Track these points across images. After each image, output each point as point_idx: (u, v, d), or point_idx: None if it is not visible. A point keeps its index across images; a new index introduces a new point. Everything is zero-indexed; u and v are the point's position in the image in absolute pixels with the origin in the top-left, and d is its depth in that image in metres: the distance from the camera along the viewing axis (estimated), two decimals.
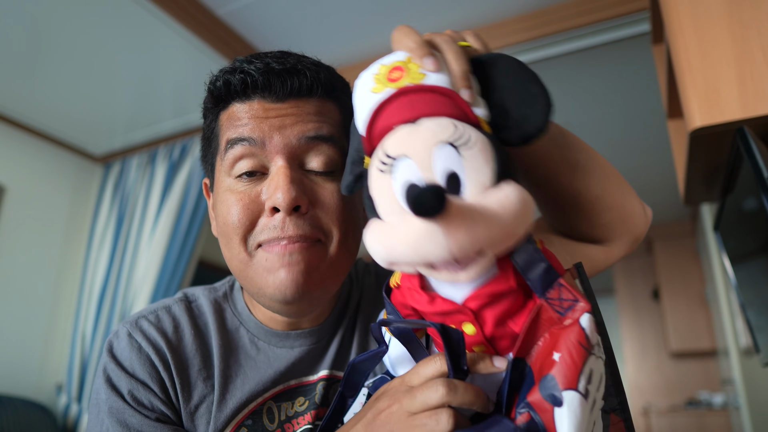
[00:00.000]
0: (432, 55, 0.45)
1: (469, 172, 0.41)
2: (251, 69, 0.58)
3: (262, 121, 0.56)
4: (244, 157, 0.57)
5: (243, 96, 0.58)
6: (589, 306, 0.42)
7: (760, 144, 0.82)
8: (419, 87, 0.44)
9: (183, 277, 2.20)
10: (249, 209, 0.56)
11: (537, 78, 0.44)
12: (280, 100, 0.57)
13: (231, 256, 0.58)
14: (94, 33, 1.80)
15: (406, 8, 1.81)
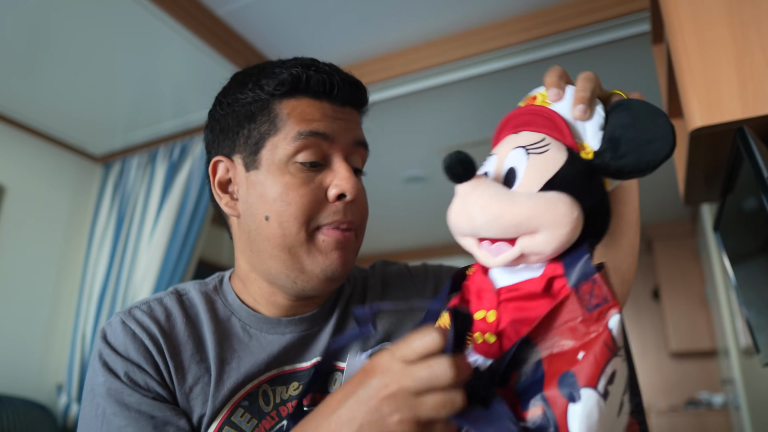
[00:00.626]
0: (556, 87, 0.53)
1: (526, 171, 0.47)
2: (328, 73, 0.65)
3: (333, 120, 0.64)
4: (313, 147, 0.62)
5: (313, 94, 0.64)
6: (619, 306, 0.42)
7: (760, 144, 0.82)
8: (531, 108, 0.53)
9: (183, 277, 2.20)
10: (314, 193, 0.62)
11: (665, 115, 0.47)
12: (340, 105, 0.65)
13: (285, 233, 0.62)
14: (94, 33, 1.80)
15: (406, 8, 1.81)
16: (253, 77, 0.66)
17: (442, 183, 3.21)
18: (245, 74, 0.68)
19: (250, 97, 0.65)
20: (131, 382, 0.58)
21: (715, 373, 4.02)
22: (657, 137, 0.46)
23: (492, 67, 1.93)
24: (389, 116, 2.38)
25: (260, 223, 0.63)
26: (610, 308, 0.42)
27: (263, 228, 0.63)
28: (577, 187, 0.46)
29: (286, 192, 0.61)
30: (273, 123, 0.63)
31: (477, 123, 2.53)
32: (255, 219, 0.63)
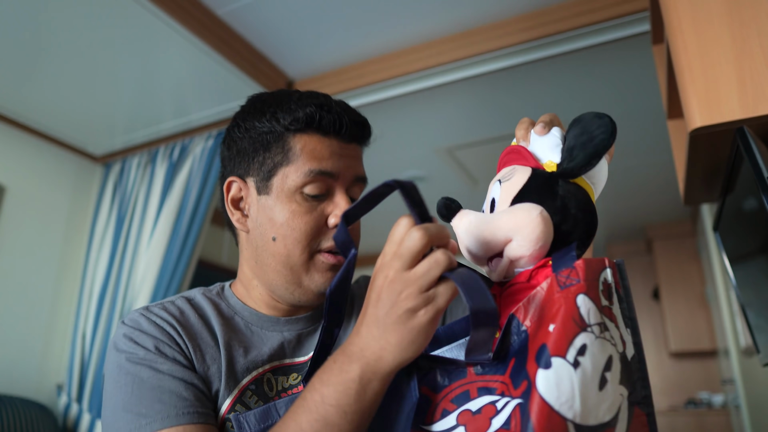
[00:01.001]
0: (519, 132, 0.67)
1: (500, 196, 0.59)
2: (338, 113, 0.73)
3: (339, 158, 0.72)
4: (320, 182, 0.71)
5: (323, 131, 0.72)
6: (584, 287, 0.48)
7: (760, 144, 0.82)
8: (507, 150, 0.66)
9: (183, 277, 2.20)
10: (317, 221, 0.71)
11: (606, 116, 0.57)
12: (347, 142, 0.74)
13: (289, 252, 0.71)
14: (94, 33, 1.80)
15: (406, 8, 1.81)
16: (272, 108, 0.73)
17: (442, 183, 3.21)
18: (264, 102, 0.76)
19: (266, 128, 0.73)
20: (161, 354, 0.65)
21: (715, 373, 4.02)
22: (598, 133, 0.56)
23: (492, 67, 1.93)
24: (389, 116, 2.38)
25: (267, 242, 0.72)
26: (579, 289, 0.48)
27: (270, 246, 0.72)
28: (538, 195, 0.56)
29: (292, 218, 0.70)
30: (286, 155, 0.72)
31: (477, 123, 2.53)
32: (263, 238, 0.73)
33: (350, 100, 2.13)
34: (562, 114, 2.64)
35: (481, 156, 2.86)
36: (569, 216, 0.56)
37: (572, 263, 0.50)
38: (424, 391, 0.54)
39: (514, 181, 0.59)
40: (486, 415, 0.49)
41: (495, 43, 1.87)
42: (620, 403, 0.47)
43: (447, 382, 0.53)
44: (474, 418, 0.49)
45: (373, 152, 2.46)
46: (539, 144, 0.62)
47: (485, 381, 0.51)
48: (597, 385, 0.45)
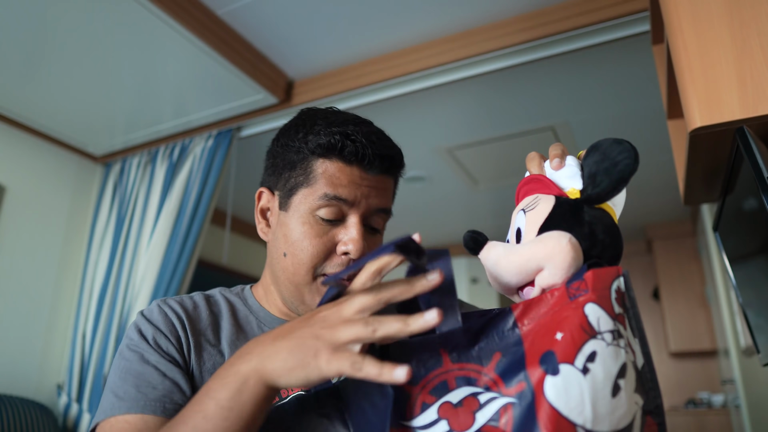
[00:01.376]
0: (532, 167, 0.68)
1: (526, 226, 0.60)
2: (365, 143, 0.73)
3: (357, 187, 0.72)
4: (333, 207, 0.72)
5: (347, 159, 0.72)
6: (594, 297, 0.49)
7: (760, 144, 0.82)
8: (527, 179, 0.66)
9: (183, 277, 2.20)
10: (325, 245, 0.72)
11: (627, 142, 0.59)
12: (372, 173, 0.74)
13: (295, 272, 0.73)
14: (94, 33, 1.80)
15: (406, 8, 1.81)
16: (305, 129, 0.75)
17: (442, 183, 3.21)
18: (304, 121, 0.77)
19: (296, 147, 0.75)
20: (156, 346, 0.68)
21: (715, 373, 4.02)
22: (621, 158, 0.58)
23: (492, 67, 1.93)
24: (389, 116, 2.38)
25: (280, 256, 0.75)
26: (588, 299, 0.48)
27: (281, 261, 0.75)
28: (565, 222, 0.57)
29: (302, 238, 0.72)
30: (307, 177, 0.74)
31: (477, 123, 2.53)
32: (277, 251, 0.76)
33: (350, 100, 2.13)
34: (562, 114, 2.66)
35: (481, 156, 2.86)
36: (597, 241, 0.57)
37: (581, 274, 0.51)
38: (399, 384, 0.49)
39: (539, 210, 0.59)
40: (468, 408, 0.48)
41: (495, 43, 1.86)
42: (635, 411, 0.47)
43: (423, 372, 0.51)
44: (456, 411, 0.48)
45: None
46: (557, 174, 0.63)
47: (463, 370, 0.51)
48: (609, 392, 0.45)
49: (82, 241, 2.61)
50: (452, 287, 0.52)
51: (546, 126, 2.53)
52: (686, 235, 3.99)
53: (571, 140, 2.66)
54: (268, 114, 2.26)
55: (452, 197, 3.45)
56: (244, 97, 2.15)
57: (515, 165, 3.00)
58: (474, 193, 3.36)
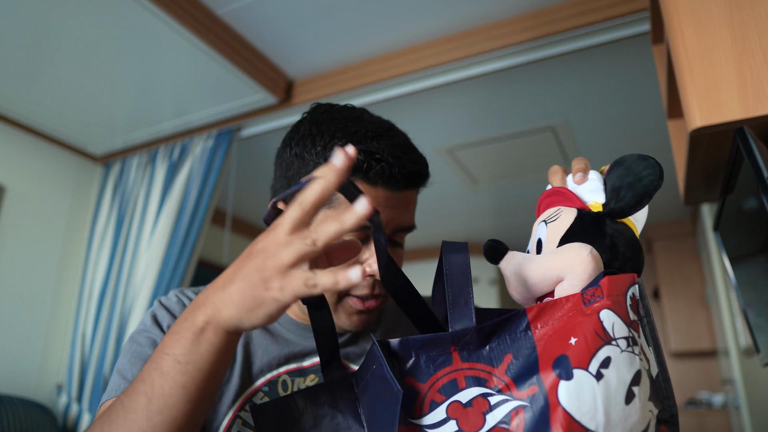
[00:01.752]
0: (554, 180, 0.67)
1: (547, 237, 0.60)
2: (391, 162, 0.67)
3: (383, 210, 0.69)
4: (358, 232, 0.68)
5: (369, 179, 0.67)
6: (609, 303, 0.49)
7: (760, 144, 0.82)
8: (549, 191, 0.66)
9: (183, 277, 2.20)
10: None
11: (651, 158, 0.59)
12: (398, 191, 0.70)
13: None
14: (94, 33, 1.80)
15: (406, 8, 1.81)
16: (325, 138, 0.69)
17: (442, 183, 3.21)
18: (320, 128, 0.70)
19: (314, 162, 0.69)
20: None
21: (715, 373, 4.02)
22: (646, 174, 0.58)
23: (492, 67, 1.93)
24: (389, 116, 2.38)
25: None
26: (603, 305, 0.49)
27: None
28: (586, 234, 0.57)
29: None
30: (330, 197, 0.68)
31: (477, 123, 2.53)
32: None
33: (350, 100, 2.13)
34: (562, 114, 2.66)
35: (481, 156, 2.86)
36: (618, 254, 0.58)
37: (597, 281, 0.51)
38: (409, 382, 0.50)
39: (560, 221, 0.60)
40: (478, 408, 0.48)
41: (495, 43, 1.86)
42: (649, 420, 0.47)
43: (432, 370, 0.50)
44: (465, 412, 0.48)
45: None
46: (579, 188, 0.64)
47: (473, 369, 0.50)
48: (623, 398, 0.45)
49: (82, 241, 2.61)
50: (468, 282, 0.51)
51: (546, 126, 2.53)
52: (686, 235, 3.99)
53: (571, 140, 2.66)
54: (268, 114, 2.26)
55: (452, 197, 3.45)
56: (244, 97, 2.15)
57: (515, 165, 3.00)
58: (474, 193, 3.36)
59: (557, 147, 2.75)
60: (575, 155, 2.84)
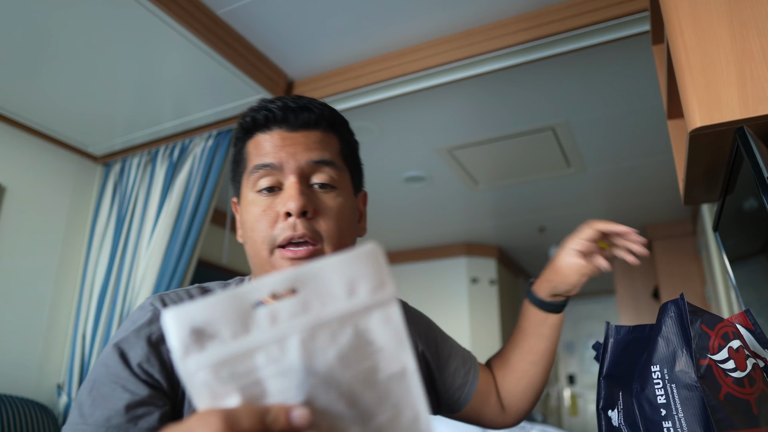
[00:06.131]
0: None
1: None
2: (273, 107, 0.75)
3: (281, 149, 0.73)
4: (265, 176, 0.73)
5: (265, 128, 0.75)
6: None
7: (760, 144, 0.82)
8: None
9: (183, 277, 2.20)
10: (269, 217, 0.72)
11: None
12: (293, 130, 0.74)
13: (254, 254, 0.73)
14: (94, 33, 1.80)
15: (406, 8, 1.81)
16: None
17: (442, 183, 3.21)
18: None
19: (234, 142, 0.80)
20: (134, 367, 0.64)
21: None
22: None
23: (492, 67, 1.93)
24: (389, 116, 2.38)
25: (246, 247, 0.76)
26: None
27: (247, 250, 0.76)
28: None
29: (249, 219, 0.74)
30: (244, 162, 0.77)
31: (477, 123, 2.53)
32: (245, 244, 0.77)
33: (350, 100, 2.13)
34: (562, 114, 2.65)
35: (481, 156, 2.86)
36: None
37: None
38: (703, 328, 0.69)
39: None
40: (741, 356, 0.68)
41: (495, 43, 1.86)
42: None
43: (715, 321, 0.71)
44: (737, 355, 0.68)
45: (374, 152, 2.46)
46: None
47: (726, 327, 0.72)
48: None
49: (82, 241, 2.61)
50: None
51: (546, 126, 2.53)
52: (686, 235, 3.98)
53: (571, 140, 2.66)
54: None
55: (452, 197, 3.44)
56: (244, 97, 2.15)
57: (515, 165, 3.00)
58: (474, 193, 3.36)
59: (557, 147, 2.75)
60: (575, 155, 2.84)
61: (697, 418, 0.64)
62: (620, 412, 0.76)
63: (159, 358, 0.65)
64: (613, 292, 4.49)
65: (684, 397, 0.66)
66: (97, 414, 0.61)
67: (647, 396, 0.69)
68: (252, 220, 0.73)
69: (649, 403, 0.69)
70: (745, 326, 0.75)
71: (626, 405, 0.76)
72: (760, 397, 0.66)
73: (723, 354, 0.68)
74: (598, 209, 3.76)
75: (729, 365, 0.67)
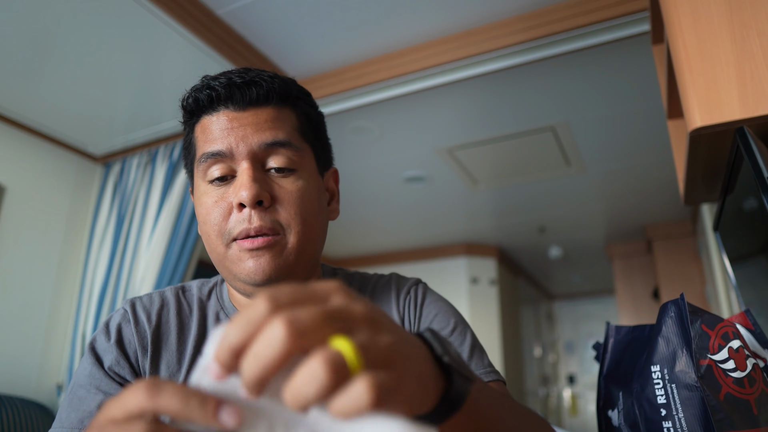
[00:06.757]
0: None
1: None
2: (215, 84, 0.66)
3: (229, 132, 0.65)
4: (215, 164, 0.66)
5: (210, 109, 0.67)
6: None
7: (760, 144, 0.82)
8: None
9: (183, 278, 2.20)
10: (222, 208, 0.65)
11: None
12: (241, 109, 0.66)
13: (211, 249, 0.68)
14: (94, 33, 1.80)
15: (407, 8, 1.81)
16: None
17: (442, 183, 3.21)
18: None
19: (185, 132, 0.73)
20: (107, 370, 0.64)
21: None
22: None
23: (492, 67, 1.93)
24: (389, 116, 2.38)
25: (202, 241, 0.70)
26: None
27: (205, 246, 0.70)
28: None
29: (201, 211, 0.67)
30: (193, 149, 0.70)
31: (477, 123, 2.53)
32: (203, 239, 0.70)
33: (350, 100, 2.13)
34: (562, 114, 2.65)
35: (481, 156, 2.86)
36: None
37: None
38: (703, 328, 0.70)
39: None
40: (741, 356, 0.68)
41: (495, 43, 1.86)
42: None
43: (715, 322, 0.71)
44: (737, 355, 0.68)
45: (374, 152, 2.47)
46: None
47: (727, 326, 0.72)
48: None
49: (82, 241, 2.61)
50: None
51: (546, 126, 2.53)
52: (686, 235, 3.99)
53: (571, 140, 2.66)
54: None
55: (452, 197, 3.45)
56: None
57: (515, 165, 3.00)
58: (474, 193, 3.36)
59: (557, 147, 2.75)
60: (575, 155, 2.84)
61: (697, 418, 0.64)
62: (620, 412, 0.76)
63: (128, 362, 0.65)
64: (613, 292, 4.49)
65: (684, 397, 0.66)
66: (72, 416, 0.61)
67: (647, 396, 0.69)
68: (204, 213, 0.66)
69: (649, 403, 0.69)
70: (745, 326, 0.74)
71: (626, 405, 0.76)
72: (760, 397, 0.66)
73: (723, 354, 0.68)
74: (598, 209, 3.76)
75: (729, 365, 0.67)
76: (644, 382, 0.70)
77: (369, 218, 3.83)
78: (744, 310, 0.76)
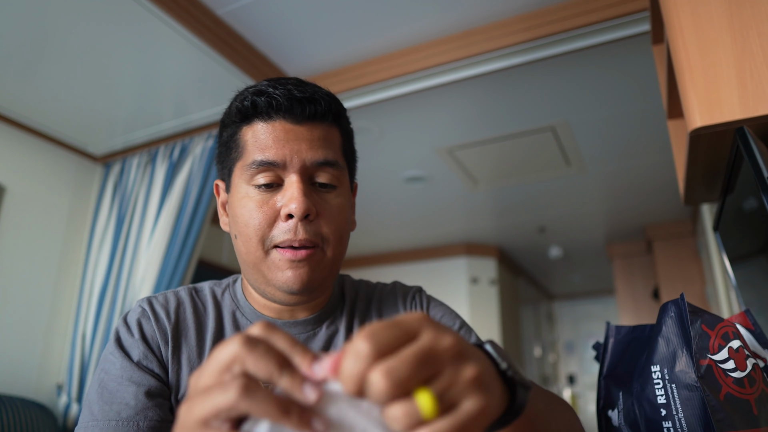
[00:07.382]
0: None
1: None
2: (276, 94, 0.68)
3: (284, 144, 0.67)
4: (266, 172, 0.68)
5: (266, 116, 0.69)
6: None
7: (760, 144, 0.82)
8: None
9: (183, 277, 2.20)
10: (266, 214, 0.67)
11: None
12: (297, 122, 0.68)
13: (247, 251, 0.69)
14: (94, 33, 1.80)
15: (406, 8, 1.81)
16: (230, 107, 0.74)
17: (442, 183, 3.21)
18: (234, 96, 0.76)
19: (226, 124, 0.74)
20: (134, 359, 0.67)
21: None
22: None
23: (492, 67, 1.93)
24: (389, 116, 2.38)
25: (235, 241, 0.71)
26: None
27: (236, 245, 0.71)
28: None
29: (243, 213, 0.68)
30: (238, 150, 0.71)
31: (477, 123, 2.53)
32: (233, 237, 0.72)
33: (350, 100, 2.13)
34: (562, 114, 2.65)
35: (481, 156, 2.86)
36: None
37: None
38: (703, 328, 0.70)
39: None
40: (741, 356, 0.68)
41: (495, 43, 1.87)
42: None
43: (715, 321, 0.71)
44: (737, 355, 0.68)
45: (374, 152, 2.47)
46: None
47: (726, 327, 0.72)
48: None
49: (82, 241, 2.61)
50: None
51: (546, 126, 2.53)
52: (686, 235, 3.98)
53: (571, 140, 2.66)
54: None
55: (452, 197, 3.45)
56: None
57: (515, 165, 3.00)
58: (474, 193, 3.36)
59: (557, 147, 2.75)
60: (575, 155, 2.84)
61: (697, 418, 0.64)
62: (620, 412, 0.76)
63: (154, 355, 0.68)
64: (613, 292, 4.49)
65: (684, 397, 0.66)
66: (106, 409, 0.62)
67: (647, 396, 0.69)
68: (246, 216, 0.68)
69: (649, 403, 0.69)
70: (745, 326, 0.74)
71: (626, 405, 0.76)
72: (760, 397, 0.66)
73: (723, 354, 0.68)
74: (598, 209, 3.76)
75: (729, 365, 0.67)
76: (644, 382, 0.70)
77: (369, 218, 3.83)
78: (744, 310, 0.76)
